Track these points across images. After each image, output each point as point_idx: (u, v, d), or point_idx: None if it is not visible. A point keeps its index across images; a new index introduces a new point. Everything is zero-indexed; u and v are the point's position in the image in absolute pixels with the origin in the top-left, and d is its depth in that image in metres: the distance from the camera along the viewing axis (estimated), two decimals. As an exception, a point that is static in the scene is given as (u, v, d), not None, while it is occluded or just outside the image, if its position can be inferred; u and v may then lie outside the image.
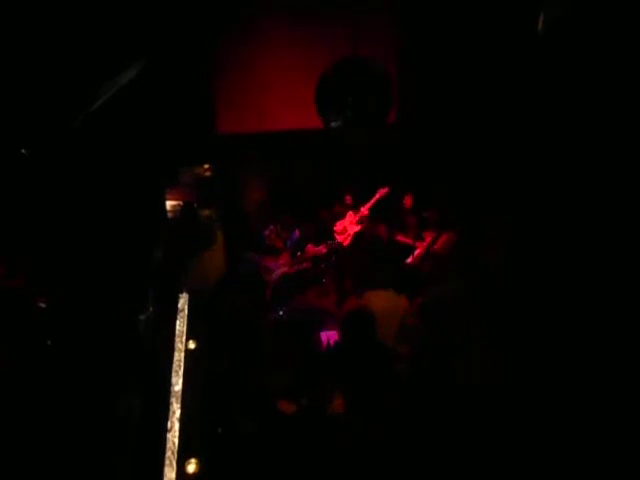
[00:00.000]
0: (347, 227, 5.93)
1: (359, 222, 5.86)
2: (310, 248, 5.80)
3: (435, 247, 5.61)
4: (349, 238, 5.92)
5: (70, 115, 3.04)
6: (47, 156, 2.69)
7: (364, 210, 5.83)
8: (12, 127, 2.52)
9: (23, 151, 2.39)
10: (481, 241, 5.38)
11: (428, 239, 5.68)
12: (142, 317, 4.21)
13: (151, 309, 4.29)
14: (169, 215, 5.81)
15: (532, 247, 4.74)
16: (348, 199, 6.09)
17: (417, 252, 5.65)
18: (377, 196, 5.82)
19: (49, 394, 2.74)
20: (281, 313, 4.91)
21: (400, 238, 5.87)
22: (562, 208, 4.44)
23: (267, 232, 5.79)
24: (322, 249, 5.76)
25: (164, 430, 3.41)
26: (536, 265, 4.58)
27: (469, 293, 4.31)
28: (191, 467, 3.27)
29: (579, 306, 3.92)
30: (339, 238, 5.95)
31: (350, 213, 5.97)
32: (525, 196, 4.97)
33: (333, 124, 4.30)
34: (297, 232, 5.88)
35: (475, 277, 4.73)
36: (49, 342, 2.64)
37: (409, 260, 5.65)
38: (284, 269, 5.62)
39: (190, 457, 3.30)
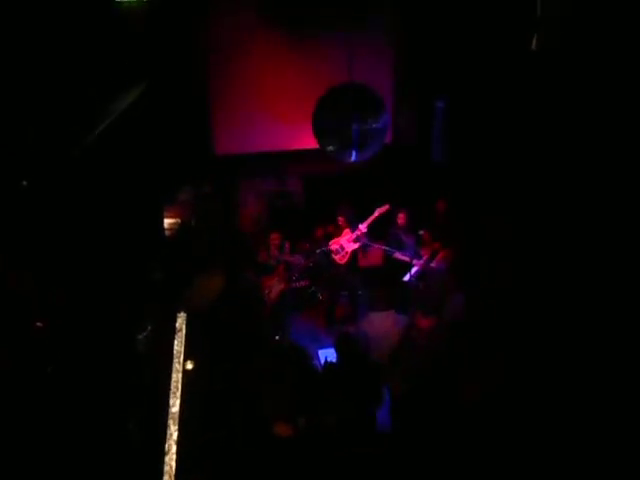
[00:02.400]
0: (344, 245, 5.90)
1: (356, 240, 5.85)
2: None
3: (433, 265, 5.63)
4: (347, 256, 5.91)
5: (71, 142, 3.09)
6: (48, 186, 2.72)
7: (362, 227, 5.72)
8: (12, 158, 2.56)
9: (24, 182, 2.43)
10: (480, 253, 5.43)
11: (425, 257, 5.71)
12: (140, 336, 4.19)
13: (149, 328, 4.27)
14: (167, 234, 5.83)
15: (534, 256, 4.77)
16: (341, 220, 5.99)
17: (414, 270, 5.66)
18: (376, 214, 5.71)
19: (45, 417, 2.71)
20: (277, 338, 4.92)
21: (398, 256, 5.89)
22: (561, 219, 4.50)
23: (259, 251, 5.77)
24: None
25: (161, 453, 3.38)
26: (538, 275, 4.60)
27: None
28: (189, 490, 3.23)
29: (579, 315, 3.95)
30: (336, 257, 5.92)
31: (347, 231, 5.95)
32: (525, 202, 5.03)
33: (330, 147, 4.37)
34: (287, 245, 5.85)
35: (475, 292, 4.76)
36: (48, 369, 2.63)
37: (406, 278, 5.67)
38: (281, 285, 5.61)
39: (188, 480, 3.27)
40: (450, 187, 6.20)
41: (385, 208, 5.72)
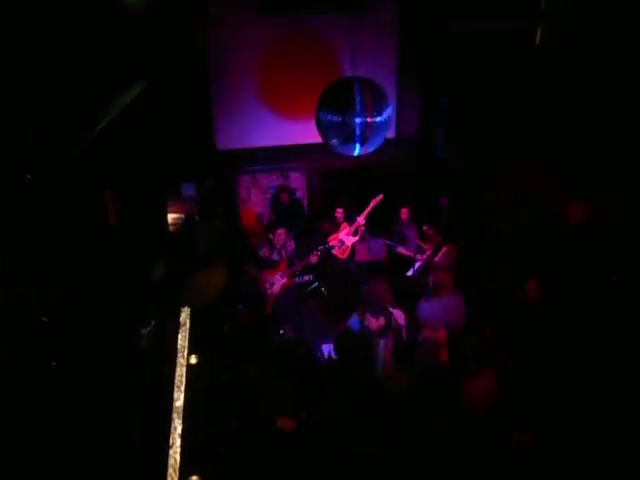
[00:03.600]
0: (344, 239, 5.82)
1: (355, 233, 5.77)
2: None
3: (436, 260, 5.62)
4: (347, 250, 5.86)
5: (74, 138, 3.10)
6: (48, 186, 2.74)
7: (360, 219, 5.69)
8: (16, 153, 2.58)
9: (27, 176, 2.45)
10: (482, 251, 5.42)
11: (429, 252, 5.70)
12: (144, 331, 4.24)
13: (152, 323, 4.31)
14: (171, 229, 5.85)
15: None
16: (339, 212, 5.96)
17: (418, 265, 5.66)
18: (372, 204, 5.66)
19: (49, 412, 2.75)
20: (282, 332, 4.94)
21: (401, 251, 5.88)
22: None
23: (262, 246, 5.75)
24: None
25: (166, 446, 3.42)
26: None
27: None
28: (193, 484, 3.28)
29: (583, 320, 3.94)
30: (337, 252, 5.84)
31: (344, 225, 5.85)
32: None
33: (333, 141, 4.34)
34: (292, 243, 5.85)
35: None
36: (53, 364, 2.67)
37: (409, 273, 5.67)
38: (284, 281, 5.62)
39: (192, 474, 3.32)
40: (451, 186, 6.18)
41: (379, 198, 5.68)
